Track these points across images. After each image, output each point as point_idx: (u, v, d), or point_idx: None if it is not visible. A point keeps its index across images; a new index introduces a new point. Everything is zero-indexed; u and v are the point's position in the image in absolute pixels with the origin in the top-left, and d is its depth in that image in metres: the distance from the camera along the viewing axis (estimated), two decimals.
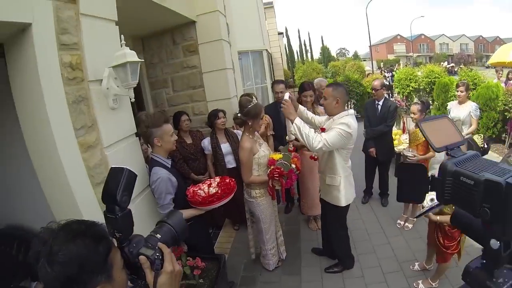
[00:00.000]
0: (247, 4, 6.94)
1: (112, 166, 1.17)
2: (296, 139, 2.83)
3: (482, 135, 2.45)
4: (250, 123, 2.75)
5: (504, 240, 0.82)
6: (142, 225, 1.91)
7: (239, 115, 2.79)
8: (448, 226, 2.44)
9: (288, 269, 3.27)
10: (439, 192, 0.95)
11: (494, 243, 0.82)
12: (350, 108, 10.65)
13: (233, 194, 2.54)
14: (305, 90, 3.64)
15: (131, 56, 1.93)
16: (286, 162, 2.73)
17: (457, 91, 4.26)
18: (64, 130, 1.71)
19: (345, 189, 2.76)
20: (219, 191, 2.45)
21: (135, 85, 2.04)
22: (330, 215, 2.99)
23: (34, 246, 0.84)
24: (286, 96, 2.76)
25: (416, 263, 3.06)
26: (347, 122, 2.53)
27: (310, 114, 3.09)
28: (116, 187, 1.07)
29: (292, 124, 2.58)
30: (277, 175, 2.66)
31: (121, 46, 2.00)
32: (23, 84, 1.70)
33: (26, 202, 2.48)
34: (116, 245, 0.97)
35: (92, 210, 1.82)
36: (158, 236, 1.04)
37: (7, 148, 2.42)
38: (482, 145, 2.43)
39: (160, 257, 0.96)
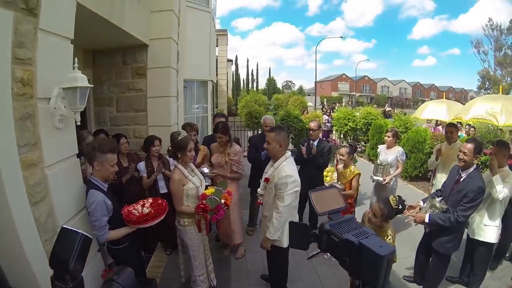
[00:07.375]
0: (200, 34, 7.07)
1: (64, 226, 1.06)
2: None
3: (396, 197, 2.66)
4: (179, 156, 2.91)
5: (360, 279, 1.22)
6: None
7: (169, 148, 3.00)
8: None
9: None
10: (318, 243, 1.32)
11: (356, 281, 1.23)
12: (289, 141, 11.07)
13: (165, 214, 2.65)
14: (216, 132, 3.71)
15: (82, 81, 1.99)
16: (215, 198, 2.85)
17: (385, 136, 4.72)
18: (8, 146, 1.69)
19: (287, 231, 2.69)
20: (152, 211, 2.57)
21: (82, 109, 2.08)
22: (274, 256, 3.05)
23: None
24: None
25: None
26: (288, 174, 2.64)
27: None
28: (68, 253, 0.97)
29: None
30: (201, 211, 2.77)
31: (74, 69, 2.05)
32: None
33: None
34: None
35: (28, 229, 1.81)
36: None
37: None
38: (396, 207, 2.69)
39: None
